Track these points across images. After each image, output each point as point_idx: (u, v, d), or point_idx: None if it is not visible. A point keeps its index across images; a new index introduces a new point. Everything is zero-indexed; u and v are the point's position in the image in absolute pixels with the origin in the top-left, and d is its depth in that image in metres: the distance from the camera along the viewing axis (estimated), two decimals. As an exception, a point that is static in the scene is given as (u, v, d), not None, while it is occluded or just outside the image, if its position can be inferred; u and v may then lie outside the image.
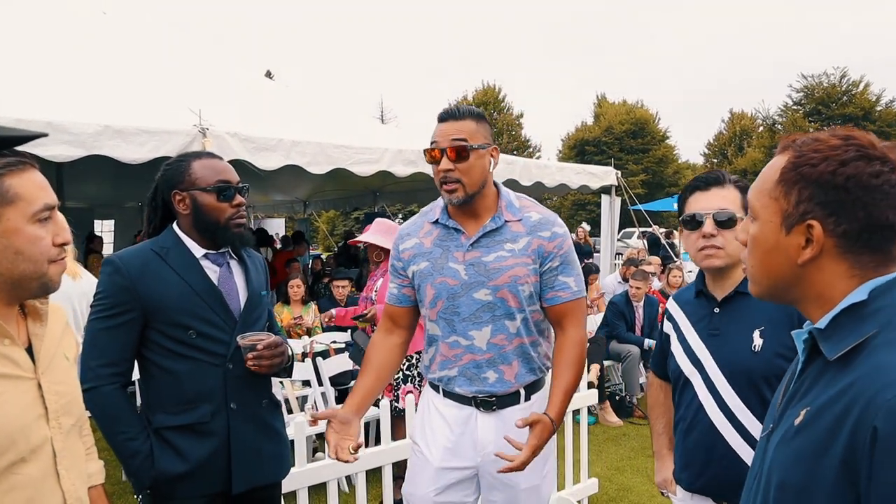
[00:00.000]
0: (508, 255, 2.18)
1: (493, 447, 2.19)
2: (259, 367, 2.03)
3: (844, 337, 1.05)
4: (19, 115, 5.09)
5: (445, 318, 2.21)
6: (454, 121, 2.13)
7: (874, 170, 1.04)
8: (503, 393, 2.21)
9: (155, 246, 2.08)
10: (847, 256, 1.06)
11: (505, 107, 42.59)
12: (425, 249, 2.25)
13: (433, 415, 2.29)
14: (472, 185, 2.13)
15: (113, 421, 2.00)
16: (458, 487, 2.26)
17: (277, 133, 6.44)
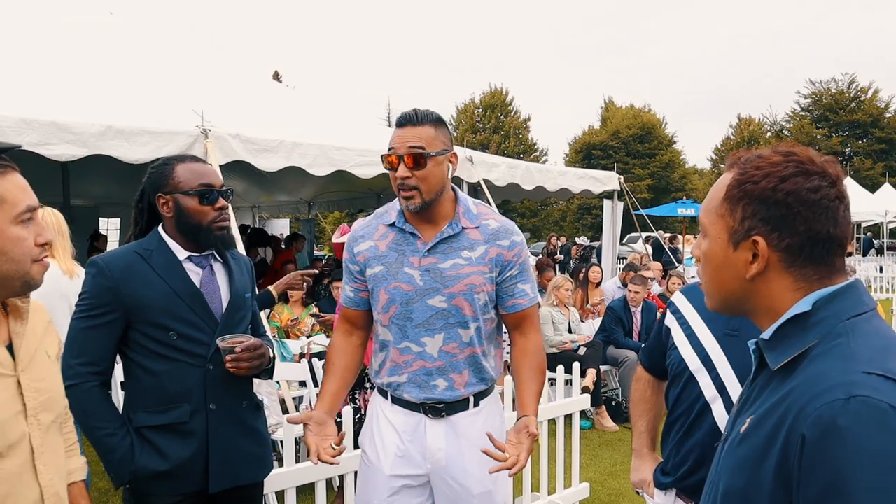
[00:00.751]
0: (465, 263, 2.16)
1: (443, 454, 2.20)
2: (238, 368, 2.06)
3: (787, 347, 1.08)
4: (24, 114, 5.16)
5: (398, 324, 2.19)
6: (413, 126, 2.10)
7: (813, 185, 1.07)
8: (452, 400, 2.21)
9: (139, 248, 2.12)
10: (791, 270, 1.10)
11: (512, 110, 42.63)
12: (380, 253, 2.22)
13: (382, 422, 2.28)
14: (430, 192, 2.10)
15: (92, 417, 2.03)
16: (410, 494, 2.24)
17: (279, 135, 6.49)
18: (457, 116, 42.89)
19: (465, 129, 41.32)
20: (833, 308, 1.07)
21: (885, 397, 0.93)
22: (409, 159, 2.07)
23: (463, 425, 2.21)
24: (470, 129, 41.53)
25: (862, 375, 0.96)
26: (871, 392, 0.93)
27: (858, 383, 0.95)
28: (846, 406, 0.93)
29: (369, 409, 2.37)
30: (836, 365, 1.00)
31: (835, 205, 1.08)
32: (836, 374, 0.98)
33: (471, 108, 42.75)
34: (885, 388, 0.94)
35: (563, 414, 4.17)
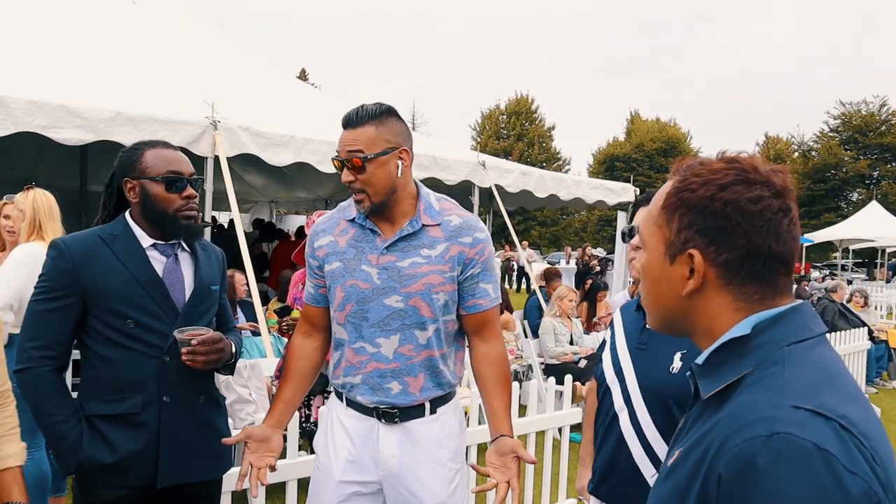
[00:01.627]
0: (424, 262, 2.08)
1: (396, 461, 2.12)
2: (194, 362, 2.01)
3: (721, 374, 0.99)
4: (35, 96, 5.18)
5: (353, 323, 2.11)
6: (352, 129, 2.02)
7: (753, 195, 0.98)
8: (406, 405, 2.12)
9: (102, 232, 2.07)
10: (730, 288, 1.01)
11: (537, 118, 42.52)
12: (339, 249, 2.15)
13: (335, 426, 2.20)
14: (377, 194, 2.03)
15: (42, 402, 1.99)
16: (361, 502, 2.16)
17: (290, 130, 6.48)
18: (481, 122, 42.88)
19: (488, 135, 41.28)
20: (773, 333, 0.98)
21: (811, 435, 0.83)
22: (349, 163, 2.01)
23: (418, 433, 2.12)
24: (494, 134, 41.48)
25: (788, 410, 0.86)
26: (795, 429, 0.84)
27: (783, 419, 0.85)
28: (767, 444, 0.84)
29: (325, 412, 2.29)
30: (764, 397, 0.91)
31: (777, 217, 0.98)
32: (761, 407, 0.89)
33: (495, 114, 42.71)
34: (813, 424, 0.85)
35: (553, 427, 4.08)
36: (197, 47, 8.02)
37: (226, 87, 6.95)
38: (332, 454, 2.16)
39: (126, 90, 5.96)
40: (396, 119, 2.07)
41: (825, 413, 0.85)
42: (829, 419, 0.85)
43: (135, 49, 6.96)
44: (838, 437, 0.84)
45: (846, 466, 0.81)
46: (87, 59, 6.32)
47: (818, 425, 0.84)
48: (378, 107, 2.05)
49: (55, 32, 6.58)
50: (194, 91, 6.29)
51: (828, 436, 0.83)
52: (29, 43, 6.19)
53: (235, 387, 4.22)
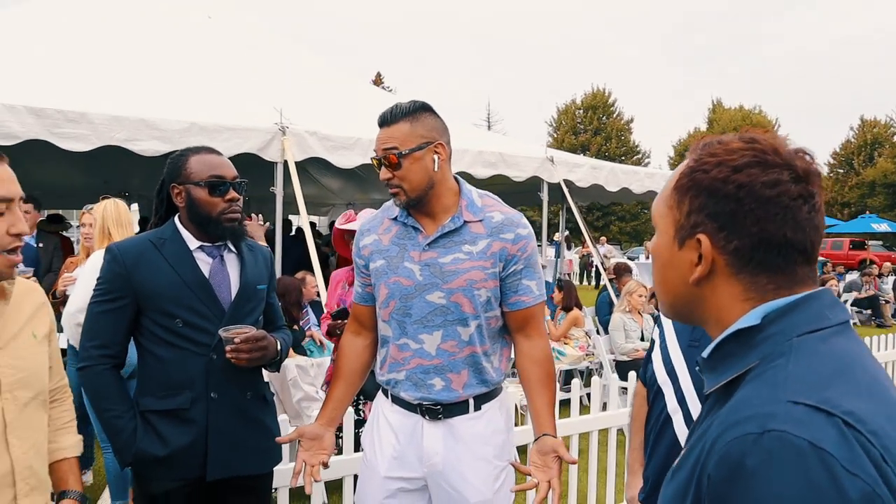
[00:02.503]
0: (466, 258, 2.09)
1: (440, 458, 2.12)
2: (237, 359, 2.07)
3: (727, 368, 0.93)
4: (116, 111, 5.47)
5: (397, 319, 2.13)
6: (387, 127, 2.06)
7: (770, 178, 0.91)
8: (449, 402, 2.12)
9: (153, 237, 2.17)
10: (741, 277, 0.94)
11: (615, 111, 41.69)
12: (383, 247, 2.18)
13: (381, 422, 2.22)
14: (413, 189, 2.05)
15: (101, 398, 2.11)
16: (407, 498, 2.17)
17: (356, 132, 6.59)
18: (557, 118, 42.39)
19: (565, 131, 40.76)
20: (785, 323, 0.90)
21: (806, 433, 0.77)
22: (385, 161, 2.04)
23: (462, 429, 2.12)
24: (570, 130, 40.92)
25: (786, 405, 0.80)
26: (790, 426, 0.78)
27: (777, 415, 0.79)
28: (758, 442, 0.78)
29: (372, 409, 2.33)
30: (762, 392, 0.84)
31: (795, 204, 0.91)
32: (757, 402, 0.83)
33: (572, 110, 42.12)
34: (811, 421, 0.78)
35: (616, 425, 3.98)
36: (268, 56, 8.27)
37: (295, 94, 7.15)
38: (377, 450, 2.19)
39: (200, 101, 6.21)
40: (431, 115, 2.09)
41: (827, 409, 0.79)
42: (831, 415, 0.78)
43: (209, 61, 7.24)
44: (840, 435, 0.77)
45: (845, 467, 0.75)
46: (164, 73, 6.63)
47: (817, 422, 0.78)
48: (412, 104, 2.07)
49: (135, 49, 6.92)
50: (264, 98, 6.50)
51: (827, 433, 0.77)
52: (110, 60, 6.54)
53: (303, 385, 4.34)
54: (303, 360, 4.52)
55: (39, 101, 5.17)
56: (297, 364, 4.42)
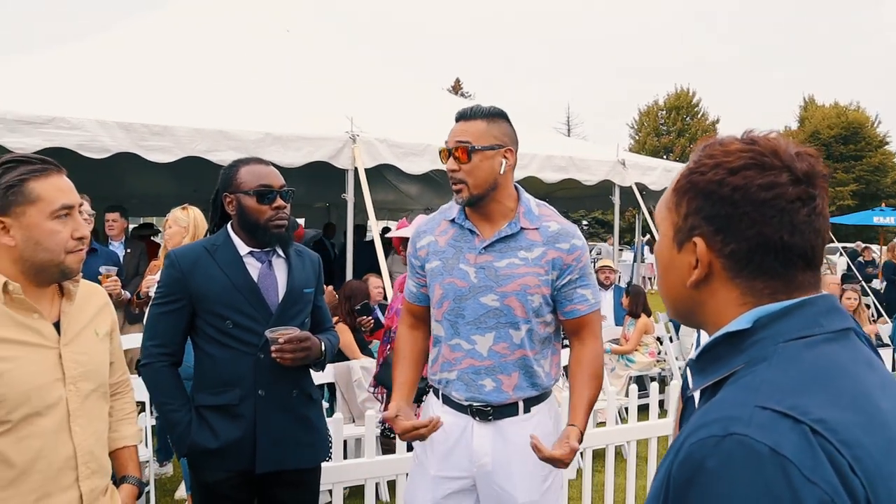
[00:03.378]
0: (521, 263, 2.14)
1: (489, 458, 2.16)
2: (282, 359, 2.18)
3: (714, 370, 0.92)
4: (197, 124, 5.78)
5: (450, 320, 2.19)
6: (464, 121, 2.14)
7: (766, 181, 0.90)
8: (499, 403, 2.16)
9: (207, 243, 2.32)
10: (737, 282, 0.93)
11: (699, 111, 40.55)
12: (439, 248, 2.24)
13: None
14: (477, 185, 2.10)
15: (159, 393, 2.27)
16: (456, 498, 2.22)
17: (425, 139, 6.71)
18: (639, 119, 41.58)
19: (647, 133, 39.93)
20: (775, 328, 0.89)
21: (768, 438, 0.76)
22: (456, 153, 2.10)
23: (511, 431, 2.16)
24: (653, 131, 40.05)
25: (753, 410, 0.80)
26: (752, 431, 0.77)
27: (742, 419, 0.79)
28: (719, 445, 0.78)
29: (423, 409, 2.40)
30: (734, 395, 0.84)
31: (793, 207, 0.90)
32: (726, 406, 0.83)
33: (654, 111, 41.23)
34: (776, 426, 0.77)
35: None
36: (342, 66, 8.50)
37: (367, 102, 7.33)
38: (428, 449, 2.25)
39: (275, 112, 6.46)
40: (507, 122, 2.19)
41: (795, 415, 0.78)
42: (798, 422, 0.78)
43: (284, 73, 7.51)
44: (804, 442, 0.76)
45: (804, 474, 0.74)
46: (242, 86, 6.92)
47: (782, 428, 0.77)
48: (492, 107, 2.18)
49: (215, 64, 7.26)
50: (337, 107, 6.69)
51: (789, 440, 0.76)
52: (192, 75, 6.89)
53: (367, 386, 4.45)
54: (367, 362, 4.63)
55: (128, 116, 5.53)
56: (362, 365, 4.54)
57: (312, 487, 2.42)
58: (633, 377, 6.17)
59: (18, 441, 1.57)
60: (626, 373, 6.15)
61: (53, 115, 5.23)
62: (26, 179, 1.60)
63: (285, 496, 2.33)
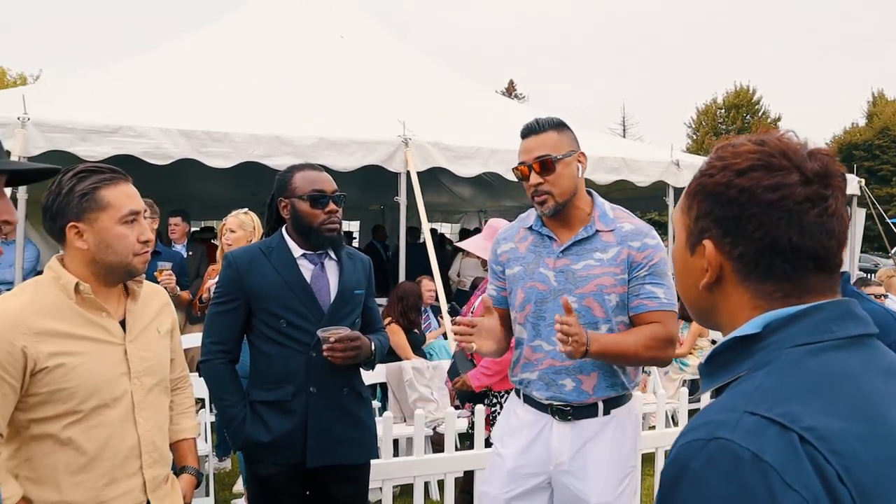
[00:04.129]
0: (597, 265, 2.20)
1: (567, 457, 2.20)
2: (333, 357, 2.26)
3: (721, 375, 0.93)
4: (254, 130, 5.96)
5: (532, 322, 2.26)
6: (535, 135, 2.21)
7: (772, 182, 0.89)
8: (579, 403, 2.21)
9: (263, 245, 2.42)
10: (748, 284, 0.93)
11: (759, 109, 39.53)
12: (519, 254, 2.33)
13: (513, 419, 2.35)
14: (562, 194, 2.19)
15: (217, 389, 2.38)
16: (530, 495, 2.27)
17: (477, 142, 6.76)
18: (696, 118, 40.78)
19: (705, 132, 39.12)
20: (784, 333, 0.88)
21: (752, 444, 0.77)
22: (537, 166, 2.18)
23: (590, 432, 2.20)
24: (711, 130, 39.22)
25: (741, 415, 0.80)
26: (737, 436, 0.78)
27: (728, 423, 0.80)
28: (704, 448, 0.79)
29: (505, 407, 2.46)
30: (727, 400, 0.85)
31: (801, 208, 0.88)
32: (716, 410, 0.84)
33: (712, 110, 40.39)
34: (761, 433, 0.78)
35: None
36: (396, 70, 8.62)
37: (419, 106, 7.42)
38: (507, 444, 2.32)
39: (329, 117, 6.61)
40: (569, 129, 2.27)
41: (784, 422, 0.78)
42: (786, 429, 0.78)
43: (338, 79, 7.67)
44: (790, 449, 0.76)
45: (786, 481, 0.75)
46: (297, 92, 7.11)
47: (768, 434, 0.78)
48: (553, 118, 2.27)
49: (270, 71, 7.47)
50: (390, 111, 6.80)
51: (774, 446, 0.77)
52: (249, 83, 7.11)
53: (418, 386, 4.52)
54: (419, 363, 4.71)
55: (189, 123, 5.75)
56: (414, 366, 4.62)
57: (362, 483, 2.49)
58: (688, 381, 6.09)
59: (89, 430, 1.69)
60: (680, 376, 6.08)
61: (120, 124, 5.49)
62: (98, 188, 1.73)
63: (336, 491, 2.41)
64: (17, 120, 5.22)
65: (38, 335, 1.65)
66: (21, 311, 1.66)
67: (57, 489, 1.67)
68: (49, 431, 1.66)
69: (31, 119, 5.27)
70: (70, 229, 1.73)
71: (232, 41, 8.11)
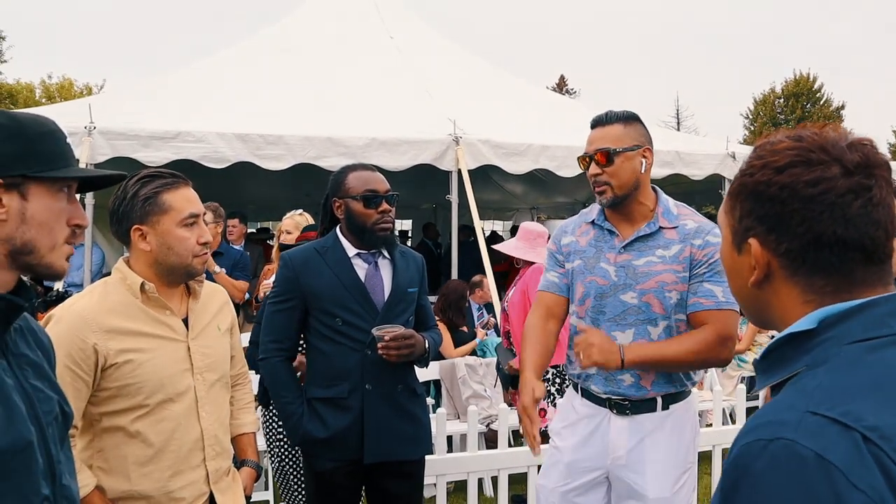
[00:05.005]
0: (658, 261, 2.20)
1: (624, 451, 2.20)
2: (387, 355, 2.29)
3: (776, 371, 0.93)
4: (307, 132, 6.08)
5: (591, 317, 2.27)
6: (601, 127, 2.24)
7: (812, 177, 0.90)
8: (637, 398, 2.21)
9: (318, 245, 2.46)
10: (797, 279, 0.93)
11: (822, 97, 38.26)
12: (580, 248, 2.34)
13: (571, 413, 2.36)
14: (621, 186, 2.19)
15: (276, 386, 2.43)
16: (587, 489, 2.27)
17: (527, 138, 6.74)
18: (754, 109, 39.71)
19: (763, 122, 38.05)
20: (841, 329, 0.88)
21: (815, 444, 0.76)
22: (598, 157, 2.20)
23: (648, 427, 2.21)
24: (770, 120, 38.14)
25: (803, 415, 0.80)
26: (799, 436, 0.77)
27: (791, 423, 0.79)
28: (766, 449, 0.79)
29: (563, 402, 2.48)
30: (788, 399, 0.85)
31: (844, 200, 0.89)
32: (777, 409, 0.83)
33: (770, 99, 39.26)
34: (825, 433, 0.77)
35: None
36: (445, 69, 8.65)
37: (469, 104, 7.44)
38: (565, 438, 2.34)
39: (380, 117, 6.68)
40: (641, 123, 2.28)
41: (846, 422, 0.77)
42: (849, 429, 0.77)
43: (389, 79, 7.74)
44: (854, 449, 0.76)
45: (851, 481, 0.74)
46: (348, 93, 7.20)
47: (831, 434, 0.77)
48: (625, 111, 2.28)
49: (323, 73, 7.58)
50: (440, 110, 6.85)
51: (838, 446, 0.76)
52: (301, 85, 7.23)
53: (472, 383, 4.55)
54: (472, 360, 4.74)
55: (244, 127, 5.90)
56: (467, 363, 4.64)
57: (417, 479, 2.52)
58: (746, 378, 5.96)
59: (155, 423, 1.77)
60: (738, 373, 5.95)
61: (179, 129, 5.69)
62: (160, 192, 1.81)
63: (392, 486, 2.45)
64: (84, 129, 5.46)
65: (108, 333, 1.74)
66: (92, 310, 1.75)
67: (127, 479, 1.76)
68: (119, 424, 1.75)
69: (96, 128, 5.51)
70: (134, 232, 1.81)
71: (284, 45, 8.26)
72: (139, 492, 1.76)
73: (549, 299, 2.44)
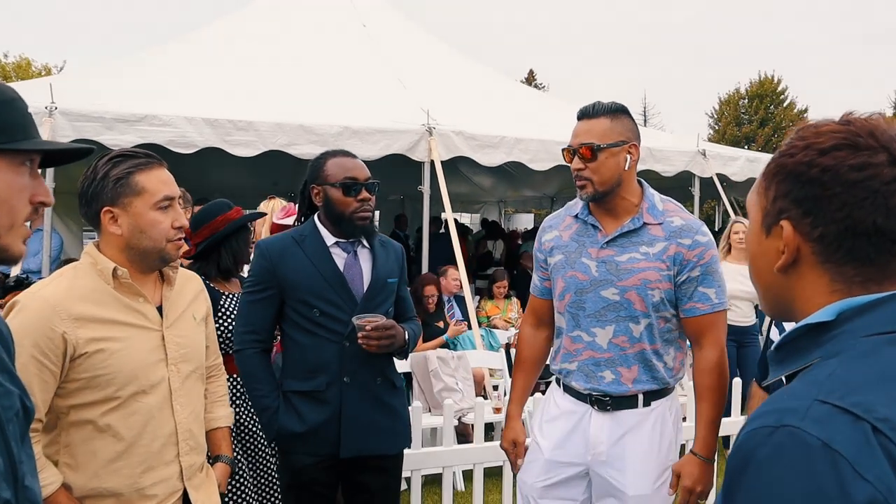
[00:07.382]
0: (642, 258, 2.16)
1: (605, 447, 2.18)
2: (368, 345, 2.23)
3: (791, 362, 0.90)
4: (278, 119, 5.96)
5: (571, 312, 2.23)
6: (587, 120, 2.17)
7: (858, 161, 0.86)
8: (618, 395, 2.19)
9: (295, 233, 2.39)
10: (827, 267, 0.90)
11: (785, 99, 38.96)
12: (562, 242, 2.30)
13: (552, 409, 2.32)
14: (602, 182, 2.13)
15: (251, 379, 2.35)
16: (567, 484, 2.24)
17: (501, 131, 6.71)
18: (719, 108, 40.29)
19: (727, 122, 38.62)
20: (859, 322, 0.85)
21: (822, 433, 0.74)
22: (582, 152, 2.14)
23: (629, 423, 2.19)
24: (733, 121, 38.74)
25: (811, 402, 0.78)
26: (806, 424, 0.75)
27: (798, 411, 0.77)
28: (772, 435, 0.77)
29: (545, 397, 2.46)
30: (798, 388, 0.82)
31: (888, 189, 0.85)
32: (786, 398, 0.81)
33: (735, 99, 39.86)
34: (833, 421, 0.75)
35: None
36: (419, 60, 8.57)
37: (442, 95, 7.37)
38: (545, 434, 2.31)
39: (352, 106, 6.58)
40: (628, 117, 2.21)
41: (857, 412, 0.75)
42: (859, 419, 0.75)
43: (362, 67, 7.63)
44: (862, 439, 0.74)
45: (857, 470, 0.72)
46: (321, 80, 7.08)
47: (840, 423, 0.75)
48: (612, 104, 2.21)
49: (295, 60, 7.44)
50: (413, 100, 6.77)
51: (846, 435, 0.74)
52: (273, 71, 7.10)
53: (443, 376, 4.51)
54: (444, 353, 4.69)
55: (213, 112, 5.75)
56: (439, 356, 4.60)
57: (395, 473, 2.47)
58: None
59: (127, 416, 1.68)
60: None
61: (146, 113, 5.51)
62: (133, 172, 1.71)
63: (369, 480, 2.39)
64: (45, 109, 5.25)
65: (78, 320, 1.64)
66: (60, 296, 1.65)
67: (95, 476, 1.67)
68: (88, 418, 1.66)
69: (58, 108, 5.30)
70: (105, 214, 1.72)
71: (255, 30, 8.10)
72: (108, 489, 1.67)
73: (536, 304, 2.43)
